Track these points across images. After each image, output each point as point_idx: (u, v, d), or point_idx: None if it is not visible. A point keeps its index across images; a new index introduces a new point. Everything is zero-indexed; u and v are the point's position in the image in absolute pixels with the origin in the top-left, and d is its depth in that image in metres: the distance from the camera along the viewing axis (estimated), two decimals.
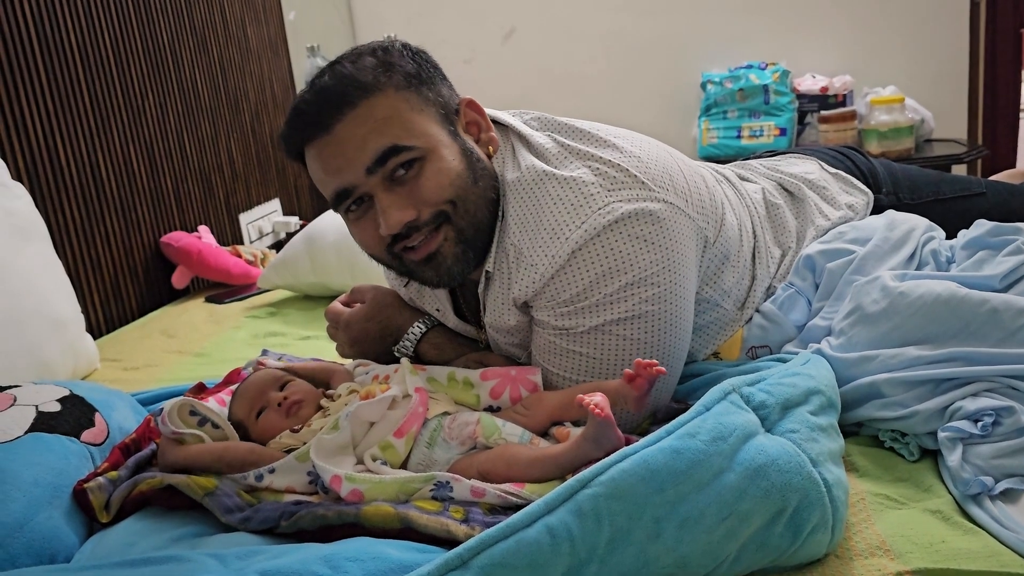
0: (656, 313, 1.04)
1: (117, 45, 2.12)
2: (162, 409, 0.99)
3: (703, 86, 3.62)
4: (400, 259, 1.08)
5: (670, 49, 3.62)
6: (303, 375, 1.16)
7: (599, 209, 1.02)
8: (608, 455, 0.85)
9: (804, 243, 1.28)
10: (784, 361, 1.07)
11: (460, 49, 3.76)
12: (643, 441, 0.78)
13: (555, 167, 1.07)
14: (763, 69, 3.53)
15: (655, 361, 0.90)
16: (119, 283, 2.06)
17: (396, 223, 1.01)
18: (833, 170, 1.41)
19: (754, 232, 1.24)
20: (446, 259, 1.06)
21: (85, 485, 0.94)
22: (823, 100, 3.48)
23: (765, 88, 3.48)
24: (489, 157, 1.10)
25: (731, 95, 3.55)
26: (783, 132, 3.46)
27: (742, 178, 1.35)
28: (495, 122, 1.16)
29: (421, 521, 0.83)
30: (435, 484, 0.89)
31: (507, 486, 0.88)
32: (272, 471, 0.96)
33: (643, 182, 1.05)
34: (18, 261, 1.49)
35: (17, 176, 1.71)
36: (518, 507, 0.87)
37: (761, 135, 3.45)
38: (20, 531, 0.85)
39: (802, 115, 3.55)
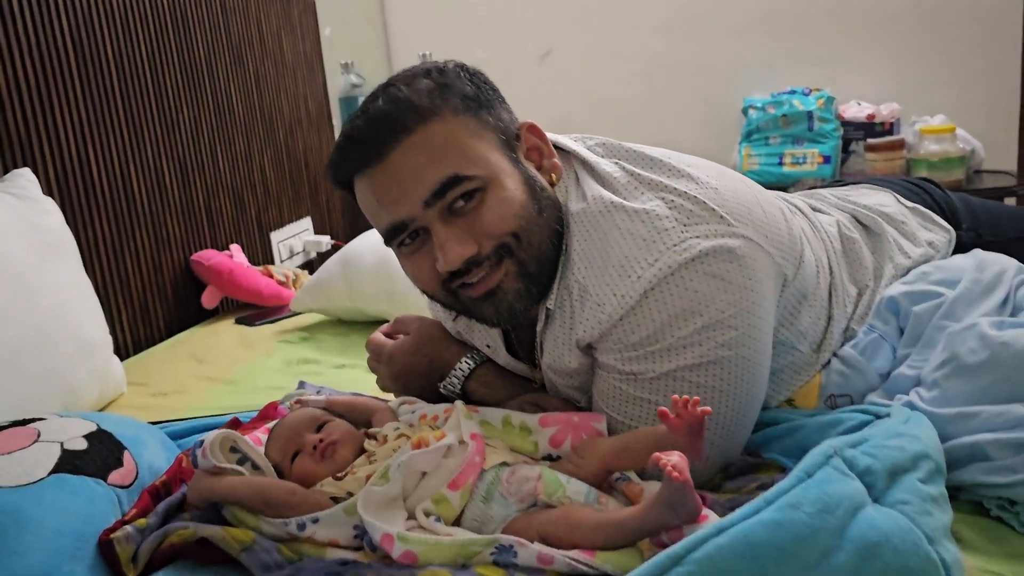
0: (732, 359, 0.95)
1: (153, 57, 2.07)
2: (202, 442, 0.91)
3: (744, 111, 3.54)
4: (457, 296, 1.00)
5: (711, 72, 3.55)
6: (342, 411, 1.09)
7: (674, 246, 0.93)
8: (684, 522, 0.77)
9: (882, 282, 1.18)
10: (869, 413, 0.98)
11: (496, 69, 3.69)
12: (739, 512, 0.69)
13: (624, 198, 0.99)
14: (807, 95, 3.45)
15: (697, 398, 0.80)
16: (147, 302, 2.00)
17: (456, 258, 0.94)
18: (910, 204, 1.32)
19: (830, 268, 1.15)
20: (507, 295, 0.98)
21: (112, 536, 0.86)
22: (869, 128, 3.39)
23: (809, 114, 3.40)
24: (552, 185, 1.03)
25: (774, 121, 3.46)
26: (827, 160, 3.37)
27: (814, 208, 1.26)
28: (556, 148, 1.08)
29: None
30: (497, 548, 0.80)
31: (577, 554, 0.79)
32: (316, 521, 0.88)
33: (721, 216, 0.96)
34: (47, 279, 1.43)
35: (48, 191, 1.65)
36: None
37: (804, 162, 3.37)
38: None
39: (847, 143, 3.46)
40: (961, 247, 1.26)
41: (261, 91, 2.59)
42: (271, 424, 1.11)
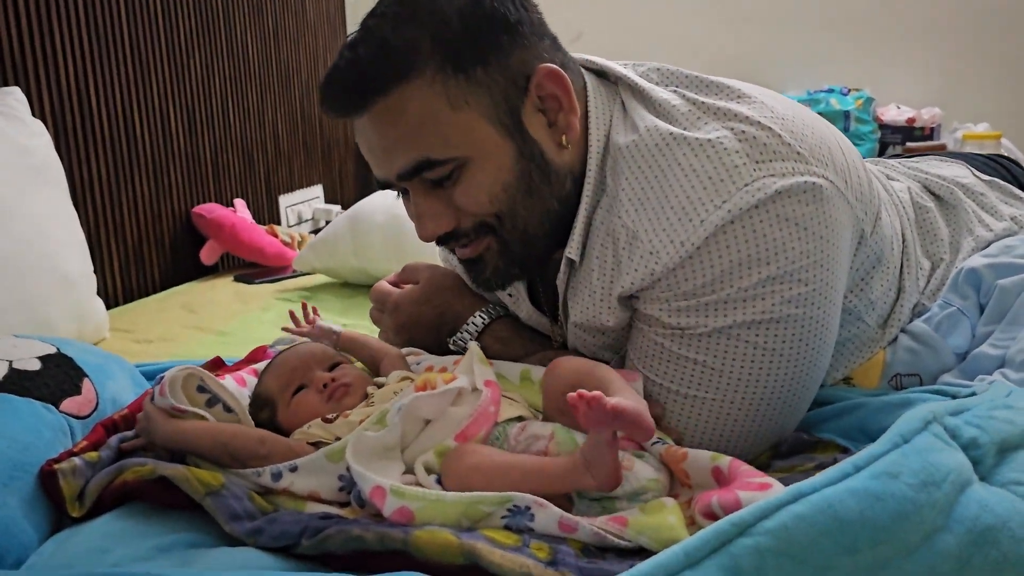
0: (800, 318, 0.81)
1: None
2: (162, 377, 0.78)
3: None
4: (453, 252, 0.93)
5: (746, 65, 3.42)
6: (348, 345, 0.98)
7: (746, 185, 0.79)
8: (602, 488, 0.66)
9: (959, 255, 1.05)
10: (945, 394, 0.84)
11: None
12: (821, 477, 0.55)
13: (685, 128, 0.84)
14: (845, 95, 3.33)
15: (598, 393, 0.65)
16: (142, 251, 1.88)
17: (430, 234, 0.88)
18: (987, 177, 1.18)
19: (903, 237, 1.01)
20: (487, 267, 0.91)
21: (56, 466, 0.73)
22: (908, 132, 3.26)
23: (846, 114, 3.28)
24: (562, 147, 0.87)
25: None
26: None
27: (885, 175, 1.12)
28: (601, 73, 0.94)
29: (493, 558, 0.60)
30: (511, 508, 0.66)
31: (604, 521, 0.66)
32: (294, 469, 0.75)
33: (799, 152, 0.82)
34: (26, 204, 1.30)
35: (40, 115, 1.53)
36: (619, 550, 0.65)
37: None
38: None
39: (883, 146, 3.33)
40: None
41: (279, 45, 2.47)
42: (259, 365, 0.98)
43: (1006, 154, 2.89)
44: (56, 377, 0.82)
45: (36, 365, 0.82)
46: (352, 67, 0.83)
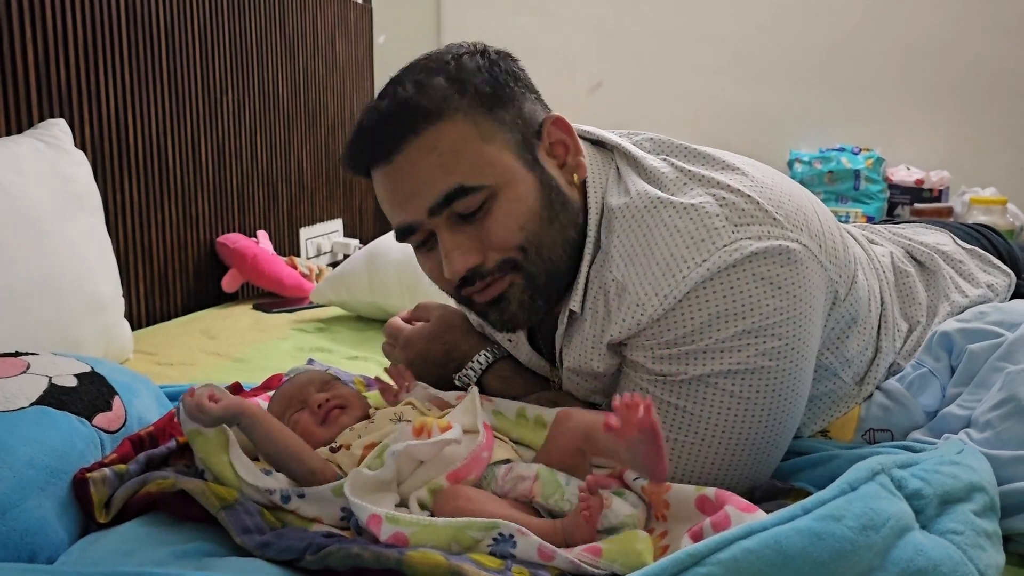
0: (772, 370, 0.88)
1: (204, 33, 2.06)
2: (193, 391, 0.85)
3: (790, 164, 3.48)
4: (470, 302, 0.97)
5: (759, 121, 3.50)
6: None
7: (724, 246, 0.86)
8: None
9: (935, 320, 1.11)
10: (913, 450, 0.90)
11: (545, 97, 3.68)
12: (772, 517, 0.62)
13: (672, 193, 0.92)
14: (856, 154, 3.40)
15: (648, 401, 0.72)
16: (168, 276, 1.96)
17: (460, 268, 0.91)
18: (968, 245, 1.25)
19: (881, 299, 1.07)
20: (511, 304, 0.94)
21: (88, 474, 0.80)
22: (916, 193, 3.32)
23: (856, 173, 3.35)
24: (573, 185, 0.96)
25: (819, 176, 3.41)
26: (870, 221, 3.30)
27: (868, 240, 1.19)
28: (599, 143, 1.03)
29: None
30: (496, 537, 0.73)
31: (580, 552, 0.72)
32: (302, 496, 0.82)
33: (775, 218, 0.90)
34: (66, 229, 1.39)
35: (81, 144, 1.62)
36: None
37: (847, 221, 3.29)
38: (2, 517, 0.71)
39: (892, 206, 3.39)
40: (1021, 294, 1.19)
41: (308, 87, 2.58)
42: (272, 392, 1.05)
43: (1012, 219, 2.94)
44: (90, 393, 0.89)
45: (73, 382, 0.89)
46: (388, 112, 0.90)
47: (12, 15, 1.50)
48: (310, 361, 1.31)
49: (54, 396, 0.85)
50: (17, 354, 0.93)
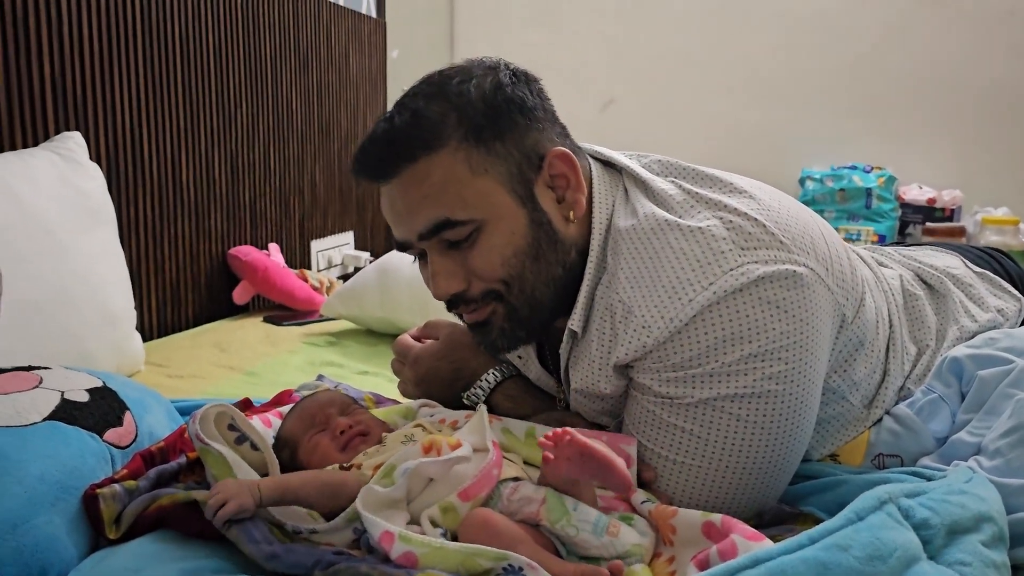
0: (779, 394, 0.88)
1: (219, 47, 2.08)
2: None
3: (802, 182, 3.49)
4: (460, 317, 1.01)
5: (770, 139, 3.51)
6: None
7: (731, 270, 0.87)
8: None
9: (944, 344, 1.11)
10: (922, 476, 0.90)
11: (557, 113, 3.68)
12: (779, 546, 0.62)
13: (679, 216, 0.93)
14: (868, 172, 3.40)
15: (567, 429, 0.75)
16: (179, 289, 1.98)
17: (443, 293, 0.95)
18: (978, 269, 1.25)
19: (890, 321, 1.07)
20: (492, 331, 0.98)
21: (98, 490, 0.81)
22: (928, 212, 3.32)
23: (868, 192, 3.34)
24: (568, 221, 0.96)
25: (831, 194, 3.41)
26: (882, 239, 3.30)
27: (877, 262, 1.19)
28: (608, 163, 1.03)
29: None
30: (505, 567, 0.73)
31: None
32: (315, 531, 0.82)
33: (782, 241, 0.90)
34: (81, 243, 1.40)
35: (96, 158, 1.64)
36: None
37: (858, 239, 3.30)
38: (12, 532, 0.72)
39: (903, 225, 3.39)
40: None
41: (322, 101, 2.60)
42: (283, 408, 1.06)
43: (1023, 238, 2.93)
44: (101, 409, 0.90)
45: (85, 397, 0.90)
46: (385, 137, 0.93)
47: (30, 29, 1.52)
48: (320, 377, 1.31)
49: (66, 411, 0.86)
50: (30, 368, 0.94)
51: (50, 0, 1.56)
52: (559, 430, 0.75)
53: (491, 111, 0.92)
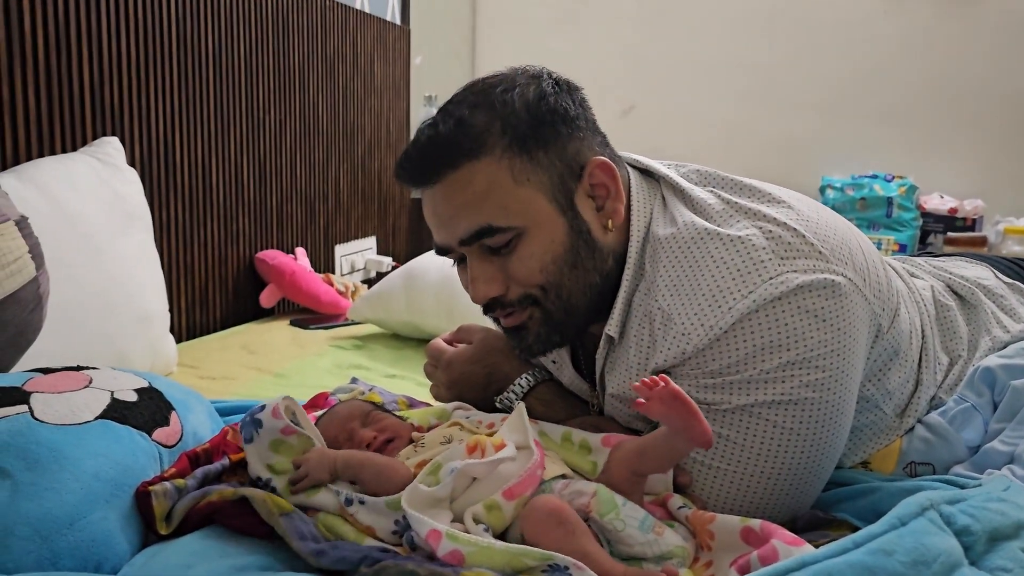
0: (816, 401, 0.89)
1: (249, 57, 2.11)
2: (262, 407, 0.90)
3: (822, 190, 3.48)
4: (496, 320, 1.03)
5: (791, 147, 3.51)
6: None
7: (771, 279, 0.88)
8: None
9: (976, 354, 1.12)
10: (956, 484, 0.91)
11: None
12: (824, 550, 0.63)
13: (718, 225, 0.94)
14: (889, 181, 3.39)
15: (663, 376, 0.78)
16: (209, 291, 2.00)
17: (482, 296, 0.97)
18: (1009, 280, 1.25)
19: (923, 332, 1.08)
20: (529, 335, 1.00)
21: (150, 487, 0.83)
22: (950, 222, 3.31)
23: (889, 200, 3.34)
24: (607, 230, 0.98)
25: (851, 203, 3.40)
26: (902, 248, 3.29)
27: (909, 273, 1.20)
28: (647, 172, 1.05)
29: None
30: (550, 566, 0.74)
31: None
32: (363, 502, 0.84)
33: (820, 251, 0.91)
34: (118, 246, 1.43)
35: (132, 162, 1.67)
36: None
37: (879, 248, 3.29)
38: (70, 528, 0.74)
39: (924, 234, 3.38)
40: None
41: (347, 107, 2.63)
42: (319, 412, 1.07)
43: None
44: (149, 408, 0.92)
45: (133, 397, 0.92)
46: (430, 143, 0.95)
47: (71, 38, 1.55)
48: (353, 380, 1.33)
49: (116, 410, 0.88)
50: (79, 368, 0.96)
51: (90, 13, 1.59)
52: (655, 376, 0.78)
53: (535, 120, 0.94)
